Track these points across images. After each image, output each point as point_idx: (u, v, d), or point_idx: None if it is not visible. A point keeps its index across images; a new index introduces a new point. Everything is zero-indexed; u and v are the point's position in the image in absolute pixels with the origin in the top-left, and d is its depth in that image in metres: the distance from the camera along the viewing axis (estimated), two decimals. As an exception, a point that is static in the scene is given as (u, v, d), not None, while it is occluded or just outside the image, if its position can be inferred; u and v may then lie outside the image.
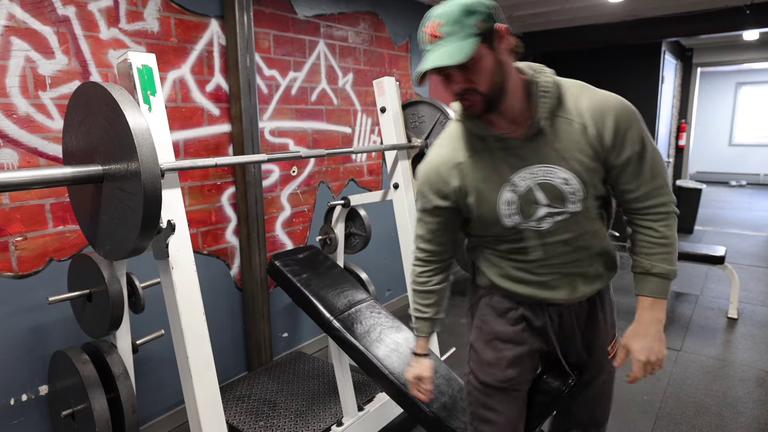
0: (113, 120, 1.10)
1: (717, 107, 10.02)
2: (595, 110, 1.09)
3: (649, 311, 1.18)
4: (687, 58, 6.34)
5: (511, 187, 1.13)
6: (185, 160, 1.44)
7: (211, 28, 2.37)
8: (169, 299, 1.40)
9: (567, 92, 1.11)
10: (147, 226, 1.11)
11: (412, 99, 2.38)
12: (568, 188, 1.11)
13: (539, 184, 1.12)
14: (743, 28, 4.14)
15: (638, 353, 1.17)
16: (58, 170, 1.13)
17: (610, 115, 1.08)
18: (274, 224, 2.82)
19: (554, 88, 1.10)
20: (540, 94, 1.09)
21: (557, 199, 1.12)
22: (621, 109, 1.09)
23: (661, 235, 1.14)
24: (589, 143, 1.09)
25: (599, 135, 1.09)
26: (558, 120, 1.10)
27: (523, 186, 1.13)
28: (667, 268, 1.16)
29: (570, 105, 1.10)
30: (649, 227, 1.16)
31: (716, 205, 7.96)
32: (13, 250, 1.80)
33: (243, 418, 2.22)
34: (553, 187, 1.11)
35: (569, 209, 1.13)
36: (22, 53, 1.77)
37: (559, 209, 1.14)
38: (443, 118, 2.23)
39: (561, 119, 1.10)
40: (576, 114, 1.09)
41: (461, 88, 1.04)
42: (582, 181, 1.11)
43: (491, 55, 1.02)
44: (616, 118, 1.08)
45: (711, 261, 3.57)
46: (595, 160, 1.11)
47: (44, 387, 1.90)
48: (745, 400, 2.51)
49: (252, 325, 2.66)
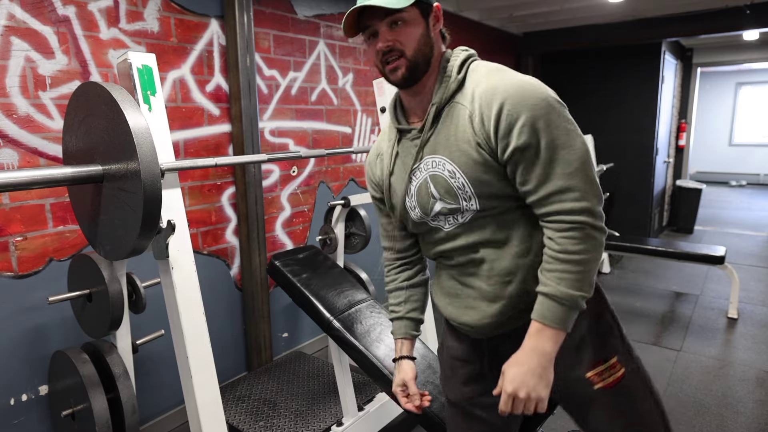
0: (113, 120, 1.10)
1: (717, 107, 10.02)
2: (486, 94, 0.96)
3: (533, 338, 0.97)
4: (687, 58, 6.33)
5: (412, 179, 1.08)
6: (185, 160, 1.44)
7: (211, 28, 2.37)
8: (169, 299, 1.40)
9: (471, 76, 1.01)
10: (147, 226, 1.11)
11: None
12: (455, 182, 1.00)
13: (431, 177, 1.04)
14: (743, 28, 4.14)
15: (507, 383, 0.97)
16: (58, 170, 1.13)
17: (497, 98, 0.93)
18: (274, 224, 2.82)
19: (458, 72, 1.01)
20: (442, 79, 1.02)
21: (448, 194, 1.02)
22: (514, 92, 0.93)
23: (562, 248, 0.94)
24: (474, 132, 0.97)
25: (482, 122, 0.95)
26: (454, 106, 1.01)
27: (420, 177, 1.06)
28: (562, 290, 0.94)
29: (468, 90, 0.99)
30: (549, 237, 0.97)
31: (716, 205, 7.96)
32: (13, 250, 1.80)
33: (243, 418, 2.22)
34: (443, 180, 1.02)
35: (464, 207, 1.01)
36: (22, 53, 1.77)
37: (453, 205, 1.03)
38: None
39: (457, 105, 1.00)
40: (469, 99, 0.98)
41: (388, 46, 0.98)
42: (466, 175, 0.99)
43: (423, 25, 1.00)
44: (503, 101, 0.93)
45: (711, 261, 3.57)
46: (480, 153, 0.97)
47: (44, 387, 1.90)
48: (745, 400, 2.51)
49: (252, 325, 2.66)
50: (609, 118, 5.34)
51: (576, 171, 0.93)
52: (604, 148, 5.08)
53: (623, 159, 5.23)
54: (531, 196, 0.97)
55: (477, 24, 4.49)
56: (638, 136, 5.25)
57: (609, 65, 5.29)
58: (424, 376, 1.90)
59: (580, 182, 0.93)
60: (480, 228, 1.03)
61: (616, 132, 5.30)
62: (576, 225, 0.93)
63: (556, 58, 5.58)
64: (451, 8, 4.05)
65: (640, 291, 4.16)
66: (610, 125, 5.31)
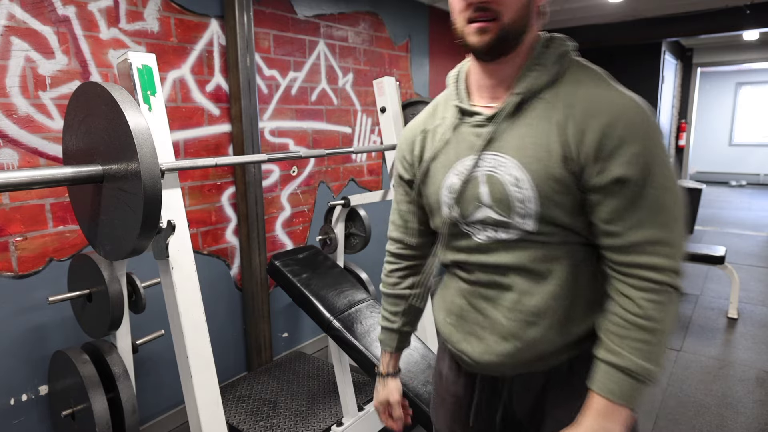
0: (113, 120, 1.10)
1: (717, 107, 10.02)
2: (590, 104, 0.80)
3: (594, 417, 0.80)
4: (687, 58, 6.34)
5: (458, 171, 0.90)
6: (185, 160, 1.44)
7: (211, 28, 2.37)
8: (169, 299, 1.39)
9: (569, 74, 0.85)
10: (147, 226, 1.11)
11: (421, 98, 2.37)
12: (518, 192, 0.83)
13: (487, 176, 0.86)
14: (743, 28, 4.14)
15: None
16: (58, 170, 1.13)
17: (603, 114, 0.78)
18: (274, 224, 2.82)
19: (554, 65, 0.85)
20: (533, 66, 0.85)
21: (502, 203, 0.85)
22: (624, 113, 0.78)
23: (644, 313, 0.78)
24: (563, 143, 0.80)
25: (579, 136, 0.79)
26: (539, 103, 0.83)
27: (469, 173, 0.88)
28: (638, 362, 0.78)
29: (564, 89, 0.83)
30: (624, 294, 0.80)
31: (716, 205, 7.96)
32: (13, 250, 1.80)
33: (243, 418, 2.22)
34: (500, 185, 0.85)
35: (515, 223, 0.84)
36: (22, 53, 1.77)
37: (502, 218, 0.85)
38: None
39: (544, 102, 0.83)
40: (565, 102, 0.81)
41: (484, 1, 0.79)
42: (537, 188, 0.81)
43: None
44: (611, 121, 0.77)
45: (711, 261, 3.56)
46: (565, 169, 0.80)
47: (44, 387, 1.90)
48: (745, 400, 2.51)
49: (252, 325, 2.66)
50: (609, 118, 5.33)
51: (674, 222, 0.78)
52: (604, 148, 5.08)
53: (623, 159, 5.22)
54: (612, 238, 0.80)
55: (477, 24, 4.49)
56: (638, 136, 5.24)
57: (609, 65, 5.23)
58: (424, 376, 1.90)
59: (676, 236, 0.78)
60: (521, 250, 0.86)
61: (616, 132, 5.29)
62: (663, 287, 0.78)
63: (556, 58, 5.58)
64: (451, 8, 4.05)
65: (640, 291, 4.16)
66: (610, 125, 5.30)
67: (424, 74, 3.91)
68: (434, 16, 3.94)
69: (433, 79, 4.01)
